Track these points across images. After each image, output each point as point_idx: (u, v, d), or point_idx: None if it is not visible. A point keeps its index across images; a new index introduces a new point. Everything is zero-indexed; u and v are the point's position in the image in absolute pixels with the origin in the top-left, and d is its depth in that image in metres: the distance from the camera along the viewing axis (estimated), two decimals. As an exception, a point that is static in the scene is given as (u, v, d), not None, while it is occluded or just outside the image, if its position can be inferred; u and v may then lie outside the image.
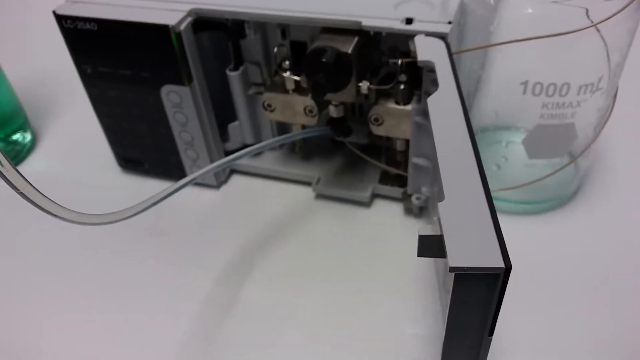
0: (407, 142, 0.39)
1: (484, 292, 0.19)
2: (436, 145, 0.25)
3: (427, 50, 0.33)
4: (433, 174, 0.39)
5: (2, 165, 0.21)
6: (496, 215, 0.20)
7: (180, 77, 0.38)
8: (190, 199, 0.44)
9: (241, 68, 0.40)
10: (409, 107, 0.36)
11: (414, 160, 0.39)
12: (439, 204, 0.20)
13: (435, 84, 0.31)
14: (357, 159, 0.44)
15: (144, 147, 0.44)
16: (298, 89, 0.39)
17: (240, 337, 0.34)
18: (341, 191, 0.43)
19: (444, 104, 0.28)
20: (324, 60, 0.35)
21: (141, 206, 0.28)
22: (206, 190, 0.45)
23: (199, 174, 0.35)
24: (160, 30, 0.35)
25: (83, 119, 0.52)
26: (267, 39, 0.40)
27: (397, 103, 0.39)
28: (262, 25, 0.39)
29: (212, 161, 0.43)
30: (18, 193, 0.21)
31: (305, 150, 0.46)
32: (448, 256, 0.18)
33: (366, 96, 0.37)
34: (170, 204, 0.33)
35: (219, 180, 0.45)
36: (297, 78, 0.40)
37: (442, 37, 0.34)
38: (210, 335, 0.34)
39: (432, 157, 0.38)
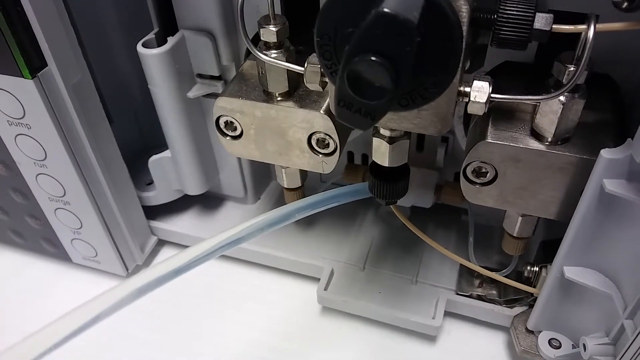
0: (536, 222, 0.21)
1: None
2: None
3: None
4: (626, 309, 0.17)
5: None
6: None
7: (10, 55, 0.18)
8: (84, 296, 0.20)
9: (171, 41, 0.22)
10: (566, 153, 0.17)
11: (568, 272, 0.18)
12: None
13: None
14: (408, 236, 0.23)
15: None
16: (294, 91, 0.19)
17: None
18: (379, 309, 0.24)
19: None
20: (400, 18, 0.10)
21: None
22: (107, 280, 0.27)
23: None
24: None
25: None
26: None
27: (540, 140, 0.16)
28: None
29: (110, 230, 0.24)
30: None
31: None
32: None
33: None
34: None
35: (135, 258, 0.26)
36: (298, 69, 0.16)
37: None
38: None
39: (624, 275, 0.16)
